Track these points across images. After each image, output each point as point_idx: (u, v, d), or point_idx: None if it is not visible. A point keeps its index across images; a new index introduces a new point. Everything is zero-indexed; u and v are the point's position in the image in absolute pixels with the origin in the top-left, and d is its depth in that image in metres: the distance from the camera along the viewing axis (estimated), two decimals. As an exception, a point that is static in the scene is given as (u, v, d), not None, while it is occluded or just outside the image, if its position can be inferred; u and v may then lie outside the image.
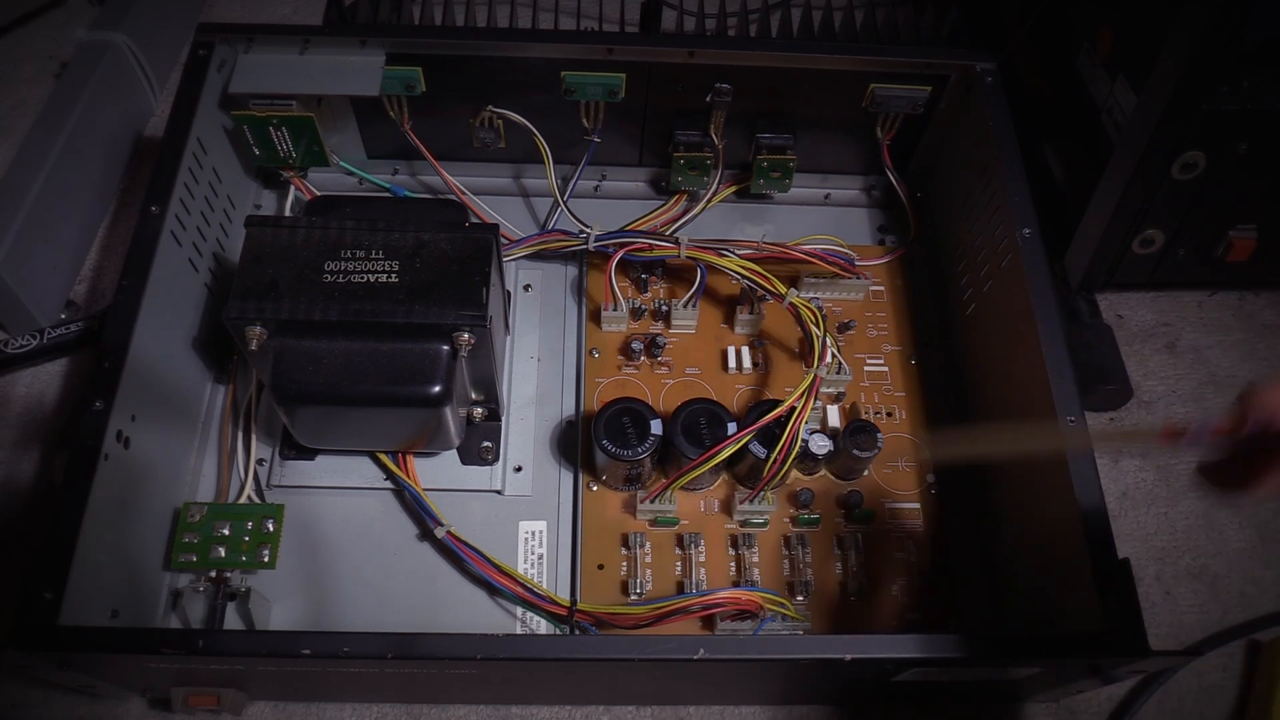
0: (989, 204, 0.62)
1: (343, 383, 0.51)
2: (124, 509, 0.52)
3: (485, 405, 0.60)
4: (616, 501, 0.60)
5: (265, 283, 0.51)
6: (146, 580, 0.55)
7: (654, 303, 0.66)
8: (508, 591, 0.55)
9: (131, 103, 0.79)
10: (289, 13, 0.91)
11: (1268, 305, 0.74)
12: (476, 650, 0.45)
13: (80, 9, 0.89)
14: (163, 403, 0.57)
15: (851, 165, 0.72)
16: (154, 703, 0.56)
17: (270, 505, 0.58)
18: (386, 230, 0.53)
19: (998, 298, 0.60)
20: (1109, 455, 0.67)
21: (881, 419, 0.64)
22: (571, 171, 0.70)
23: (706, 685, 0.54)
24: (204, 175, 0.62)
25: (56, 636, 0.45)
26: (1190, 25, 0.55)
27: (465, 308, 0.51)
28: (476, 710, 0.56)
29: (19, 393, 0.67)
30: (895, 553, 0.59)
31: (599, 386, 0.64)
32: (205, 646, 0.45)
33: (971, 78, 0.64)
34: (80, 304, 0.71)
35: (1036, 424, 0.50)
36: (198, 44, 0.63)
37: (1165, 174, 0.61)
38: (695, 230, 0.70)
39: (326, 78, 0.62)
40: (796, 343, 0.65)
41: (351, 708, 0.56)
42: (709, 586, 0.57)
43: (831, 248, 0.64)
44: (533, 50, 0.62)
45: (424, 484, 0.59)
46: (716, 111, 0.65)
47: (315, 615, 0.56)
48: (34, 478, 0.63)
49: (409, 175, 0.72)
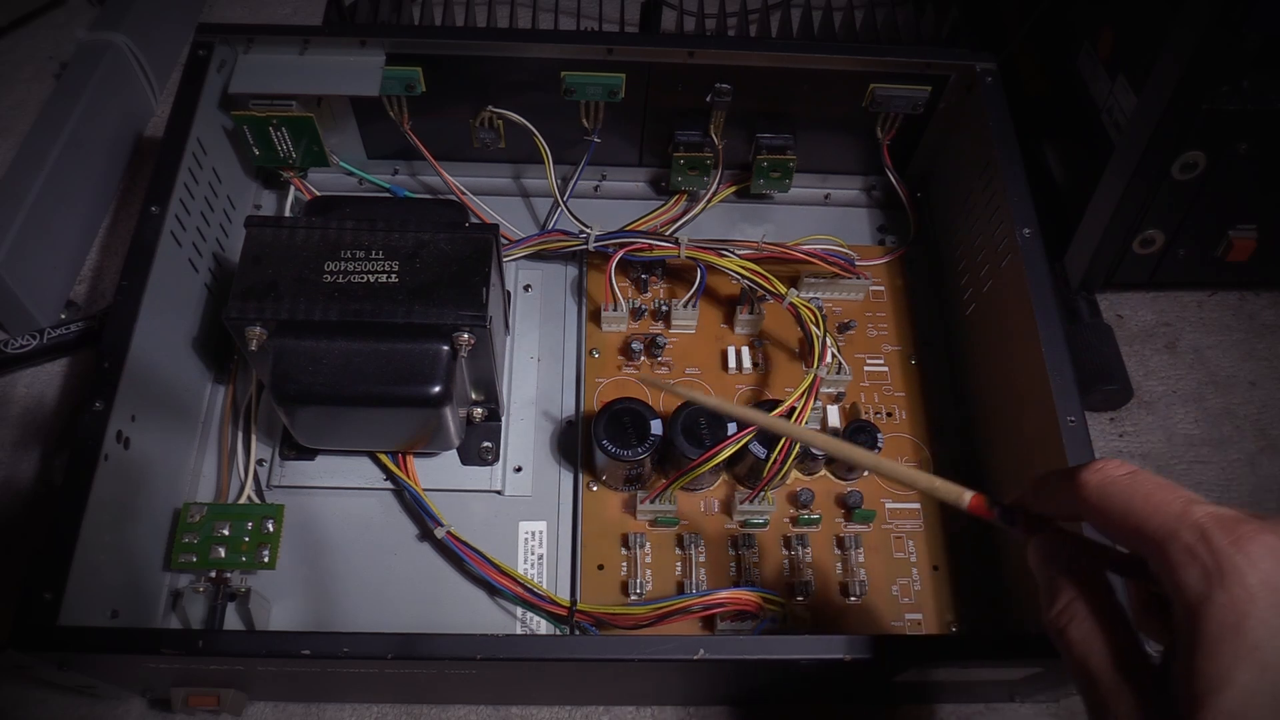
0: (989, 204, 0.62)
1: (342, 383, 0.51)
2: (124, 509, 0.52)
3: (485, 405, 0.60)
4: (616, 502, 0.60)
5: (265, 283, 0.51)
6: (146, 580, 0.55)
7: (654, 303, 0.66)
8: (508, 592, 0.55)
9: (131, 103, 0.79)
10: (289, 13, 0.91)
11: (1268, 305, 0.74)
12: (476, 650, 0.45)
13: (80, 9, 0.89)
14: (163, 403, 0.57)
15: (851, 165, 0.72)
16: (154, 703, 0.56)
17: (270, 505, 0.58)
18: (386, 230, 0.53)
19: (998, 298, 0.60)
20: (1108, 455, 0.67)
21: (881, 419, 0.64)
22: (571, 171, 0.70)
23: (705, 685, 0.54)
24: (204, 175, 0.62)
25: (56, 637, 0.45)
26: (1190, 25, 0.55)
27: (465, 308, 0.51)
28: (476, 710, 0.56)
29: (19, 393, 0.67)
30: (895, 553, 0.59)
31: (599, 386, 0.64)
32: (205, 647, 0.45)
33: (971, 78, 0.64)
34: (80, 304, 0.71)
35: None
36: (198, 44, 0.63)
37: (1165, 174, 0.61)
38: (695, 230, 0.70)
39: (326, 78, 0.62)
40: (796, 343, 0.65)
41: (351, 708, 0.56)
42: (709, 586, 0.57)
43: (831, 248, 0.64)
44: (533, 50, 0.62)
45: (424, 484, 0.59)
46: (716, 111, 0.65)
47: (315, 615, 0.56)
48: (34, 478, 0.63)
49: (409, 175, 0.72)
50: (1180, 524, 0.29)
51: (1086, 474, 0.32)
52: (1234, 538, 0.28)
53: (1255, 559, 0.28)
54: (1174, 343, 0.72)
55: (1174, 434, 0.68)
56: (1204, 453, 0.67)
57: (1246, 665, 0.27)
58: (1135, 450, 0.67)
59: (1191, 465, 0.67)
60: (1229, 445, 0.68)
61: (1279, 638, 0.27)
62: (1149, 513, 0.30)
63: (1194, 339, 0.72)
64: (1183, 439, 0.68)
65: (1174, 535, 0.29)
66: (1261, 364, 0.71)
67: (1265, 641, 0.27)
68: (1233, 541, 0.28)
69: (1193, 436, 0.68)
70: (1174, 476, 0.66)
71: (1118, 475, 0.32)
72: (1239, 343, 0.72)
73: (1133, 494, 0.31)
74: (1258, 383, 0.70)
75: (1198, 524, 0.29)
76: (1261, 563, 0.28)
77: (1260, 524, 0.29)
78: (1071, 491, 0.33)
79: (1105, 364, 0.67)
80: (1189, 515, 0.29)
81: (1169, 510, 0.30)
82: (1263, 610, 0.27)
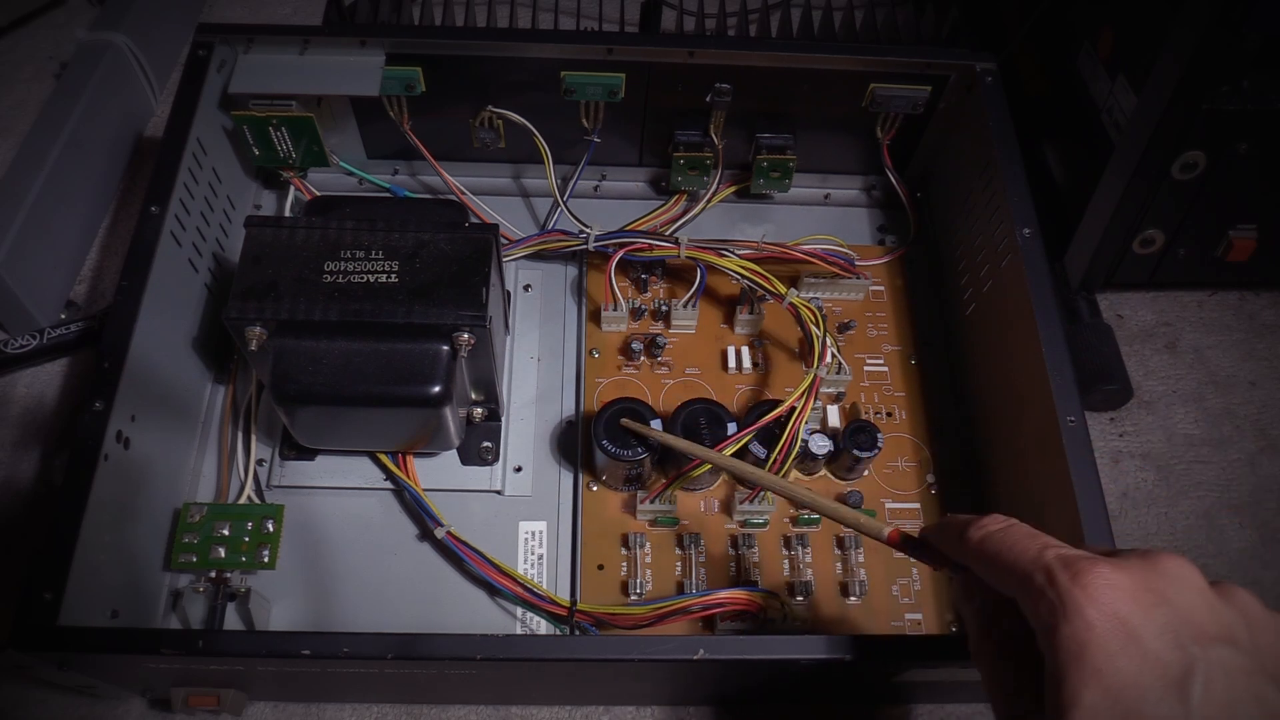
0: (989, 204, 0.62)
1: (342, 383, 0.51)
2: (124, 509, 0.52)
3: (485, 405, 0.60)
4: (616, 501, 0.60)
5: (265, 283, 0.51)
6: (146, 580, 0.55)
7: (654, 303, 0.66)
8: (508, 592, 0.55)
9: (131, 103, 0.79)
10: (289, 13, 0.91)
11: (1268, 305, 0.74)
12: (476, 650, 0.45)
13: (80, 9, 0.89)
14: (163, 403, 0.57)
15: (851, 165, 0.72)
16: (154, 703, 0.56)
17: (270, 505, 0.58)
18: (386, 230, 0.53)
19: (998, 298, 0.60)
20: (1108, 456, 0.67)
21: (881, 419, 0.64)
22: (571, 171, 0.70)
23: (705, 685, 0.54)
24: (204, 175, 0.62)
25: (56, 637, 0.45)
26: (1190, 25, 0.55)
27: (465, 308, 0.51)
28: (476, 710, 0.56)
29: (19, 393, 0.67)
30: (895, 553, 0.59)
31: (599, 386, 0.64)
32: (205, 647, 0.45)
33: (971, 78, 0.64)
34: (80, 304, 0.71)
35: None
36: (198, 44, 0.63)
37: (1165, 174, 0.61)
38: (695, 230, 0.70)
39: (326, 78, 0.62)
40: (796, 343, 0.65)
41: (351, 708, 0.56)
42: (709, 586, 0.57)
43: (831, 248, 0.64)
44: (533, 50, 0.62)
45: (424, 484, 0.59)
46: (716, 111, 0.65)
47: (315, 615, 0.56)
48: (34, 478, 0.63)
49: (409, 175, 0.72)
50: (1034, 566, 0.33)
51: (971, 529, 0.36)
52: (1073, 573, 0.31)
53: (1092, 591, 0.31)
54: (1174, 343, 0.72)
55: (1174, 434, 0.68)
56: (1204, 453, 0.67)
57: (1092, 687, 0.30)
58: (1135, 450, 0.67)
59: (1191, 465, 0.67)
60: (1229, 445, 0.68)
61: (1118, 660, 0.30)
62: (1013, 559, 0.34)
63: (1194, 339, 0.72)
64: (1183, 439, 0.68)
65: (1029, 576, 0.33)
66: (1261, 364, 0.71)
67: (1105, 664, 0.30)
68: (1072, 577, 0.31)
69: (1193, 436, 0.68)
70: (1174, 476, 0.66)
71: (994, 529, 0.36)
72: (1239, 343, 0.72)
73: (1001, 543, 0.35)
74: (1258, 383, 0.70)
75: (1046, 565, 0.32)
76: (1098, 595, 0.31)
77: (1099, 559, 0.32)
78: (960, 542, 0.37)
79: (1105, 364, 0.67)
80: (1041, 558, 0.33)
81: (1027, 555, 0.33)
82: (1100, 638, 0.30)
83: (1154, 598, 0.31)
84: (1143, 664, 0.30)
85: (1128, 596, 0.31)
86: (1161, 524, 0.64)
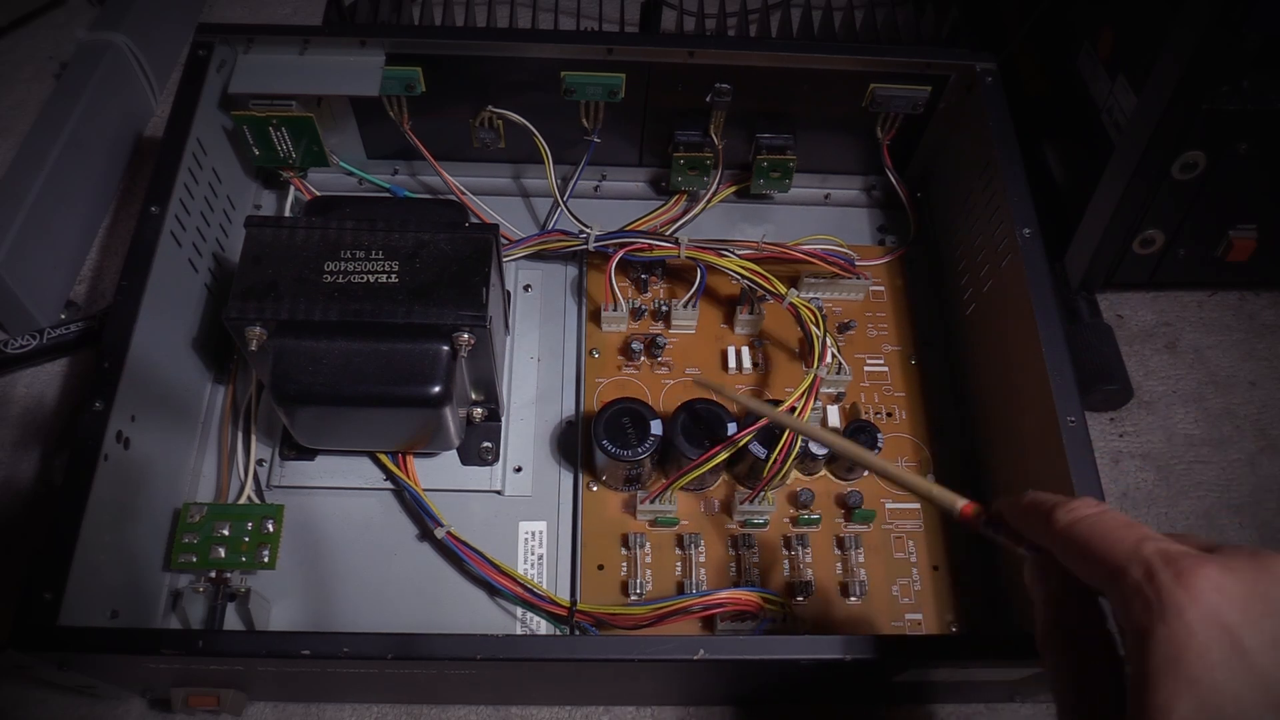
0: (989, 204, 0.62)
1: (342, 383, 0.51)
2: (124, 509, 0.52)
3: (485, 405, 0.60)
4: (616, 502, 0.60)
5: (265, 283, 0.51)
6: (146, 580, 0.55)
7: (654, 303, 0.66)
8: (508, 592, 0.55)
9: (131, 103, 0.79)
10: (289, 13, 0.91)
11: (1268, 305, 0.74)
12: (476, 650, 0.45)
13: (80, 9, 0.89)
14: (163, 403, 0.57)
15: (851, 165, 0.72)
16: (154, 703, 0.56)
17: (270, 506, 0.58)
18: (386, 230, 0.53)
19: (998, 298, 0.60)
20: (1108, 456, 0.67)
21: (881, 419, 0.64)
22: (571, 171, 0.70)
23: (705, 685, 0.54)
24: (204, 175, 0.62)
25: (56, 637, 0.45)
26: (1190, 25, 0.55)
27: (465, 308, 0.51)
28: (476, 710, 0.56)
29: (19, 393, 0.67)
30: (895, 553, 0.59)
31: (599, 386, 0.64)
32: (205, 647, 0.45)
33: (971, 78, 0.64)
34: (80, 304, 0.71)
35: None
36: (197, 44, 0.63)
37: (1165, 174, 0.61)
38: (695, 230, 0.70)
39: (326, 78, 0.62)
40: (796, 343, 0.65)
41: (351, 708, 0.56)
42: (709, 586, 0.57)
43: (831, 248, 0.64)
44: (533, 50, 0.62)
45: (424, 484, 0.59)
46: (716, 111, 0.65)
47: (315, 615, 0.56)
48: (34, 478, 0.63)
49: (409, 175, 0.72)
50: (1130, 560, 0.30)
51: (1059, 511, 0.34)
52: (1176, 571, 0.29)
53: (1196, 594, 0.29)
54: (1174, 343, 0.72)
55: (1174, 434, 0.68)
56: (1204, 453, 0.67)
57: (1186, 699, 0.28)
58: (1135, 450, 0.67)
59: (1191, 465, 0.67)
60: (1229, 445, 0.68)
61: (1218, 672, 0.28)
62: (1105, 548, 0.31)
63: (1194, 339, 0.72)
64: (1183, 439, 0.68)
65: (1124, 571, 0.30)
66: (1261, 364, 0.71)
67: (1203, 675, 0.28)
68: (1175, 576, 0.29)
69: (1193, 436, 0.68)
70: (1174, 476, 0.66)
71: (1086, 513, 0.33)
72: (1239, 343, 0.72)
73: (1093, 530, 0.32)
74: (1258, 383, 0.70)
75: (1145, 559, 0.30)
76: (1202, 597, 0.28)
77: (1205, 558, 0.29)
78: (1045, 523, 0.34)
79: (1105, 364, 0.67)
80: (1139, 551, 0.30)
81: (1123, 547, 0.31)
82: (1200, 644, 0.28)
83: (1265, 607, 0.28)
84: (1246, 679, 0.28)
85: (1236, 603, 0.28)
86: (1162, 524, 0.64)
